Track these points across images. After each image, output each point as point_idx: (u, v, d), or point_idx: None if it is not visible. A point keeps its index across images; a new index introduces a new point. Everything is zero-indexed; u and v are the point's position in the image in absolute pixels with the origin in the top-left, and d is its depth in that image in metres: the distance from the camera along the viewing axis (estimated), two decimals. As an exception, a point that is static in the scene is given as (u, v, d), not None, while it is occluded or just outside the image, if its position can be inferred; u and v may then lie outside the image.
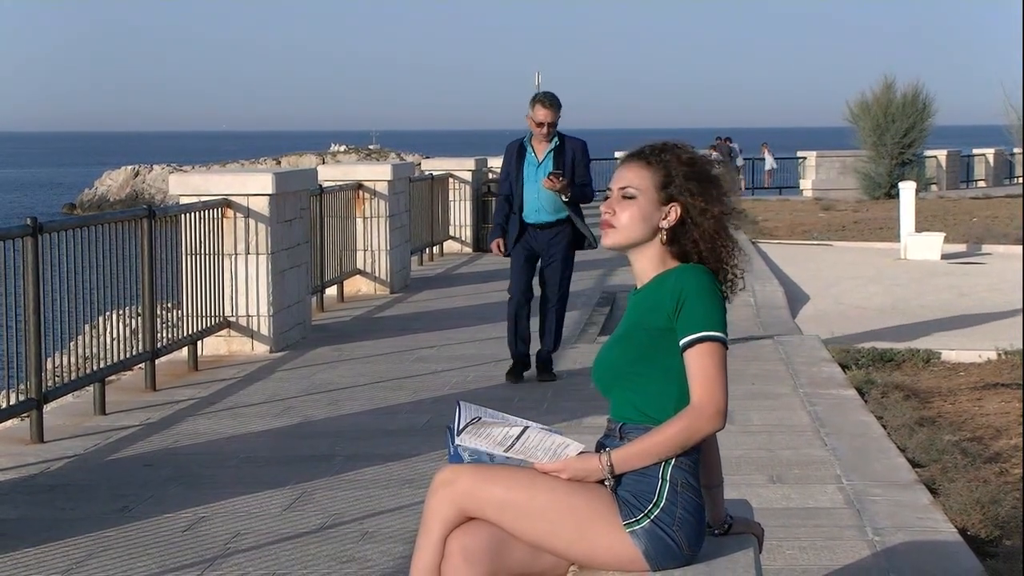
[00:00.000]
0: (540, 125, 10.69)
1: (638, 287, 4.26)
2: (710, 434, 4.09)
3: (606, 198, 4.28)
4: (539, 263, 10.95)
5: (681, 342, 4.08)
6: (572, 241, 10.84)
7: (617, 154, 36.38)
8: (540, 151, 10.80)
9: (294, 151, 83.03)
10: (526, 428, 4.17)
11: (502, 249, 10.89)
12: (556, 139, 10.77)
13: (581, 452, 4.12)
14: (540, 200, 10.71)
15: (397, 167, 18.27)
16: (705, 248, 4.20)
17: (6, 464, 8.35)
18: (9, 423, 9.30)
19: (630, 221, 4.20)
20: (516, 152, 10.89)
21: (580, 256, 11.27)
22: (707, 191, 4.20)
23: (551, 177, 10.47)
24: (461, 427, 4.14)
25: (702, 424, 4.04)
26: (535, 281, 10.98)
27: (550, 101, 10.67)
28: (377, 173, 17.75)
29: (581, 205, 10.87)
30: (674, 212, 4.19)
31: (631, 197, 4.21)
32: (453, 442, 4.12)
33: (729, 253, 4.24)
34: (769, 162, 49.68)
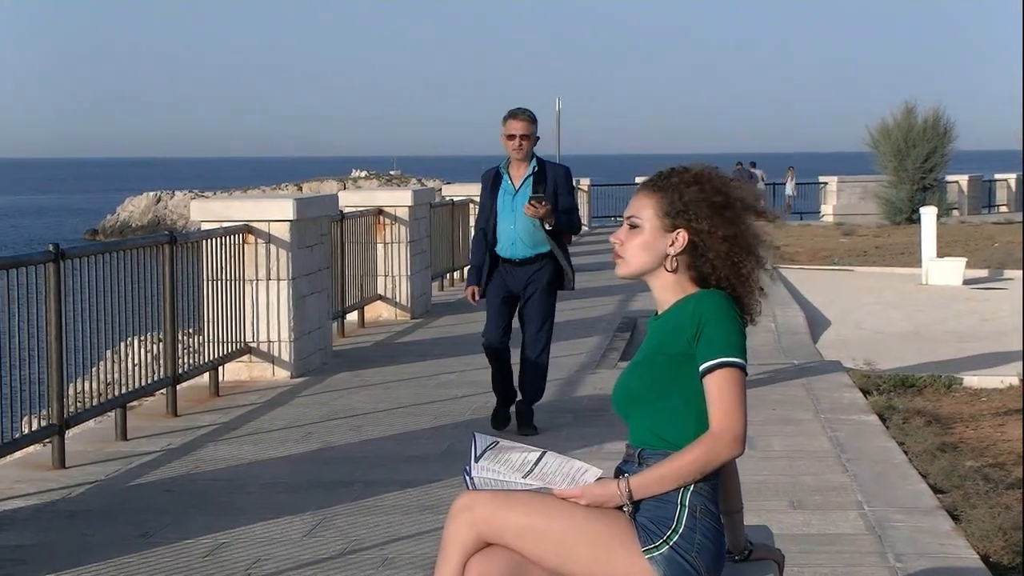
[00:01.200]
0: (512, 138, 9.59)
1: (658, 313, 4.26)
2: (729, 460, 4.09)
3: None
4: (518, 304, 9.88)
5: (700, 368, 4.07)
6: (554, 278, 9.77)
7: (638, 179, 36.37)
8: (517, 178, 9.70)
9: (315, 177, 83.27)
10: (544, 453, 4.18)
11: (475, 297, 9.82)
12: (535, 163, 9.72)
13: (599, 478, 4.12)
14: (516, 232, 9.65)
15: (418, 193, 18.31)
16: (723, 271, 4.17)
17: (28, 490, 8.37)
18: (31, 449, 9.32)
19: (635, 250, 4.20)
20: (491, 180, 9.79)
21: (601, 282, 11.18)
22: (717, 213, 4.16)
23: (532, 202, 9.45)
24: (479, 455, 4.14)
25: (721, 450, 4.04)
26: (514, 324, 10.01)
27: (523, 112, 9.67)
28: (398, 199, 17.79)
29: (568, 237, 9.99)
30: (681, 238, 4.17)
31: (636, 226, 4.21)
32: (470, 473, 4.11)
33: (749, 276, 4.19)
34: (789, 188, 49.53)
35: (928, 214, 23.90)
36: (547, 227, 9.59)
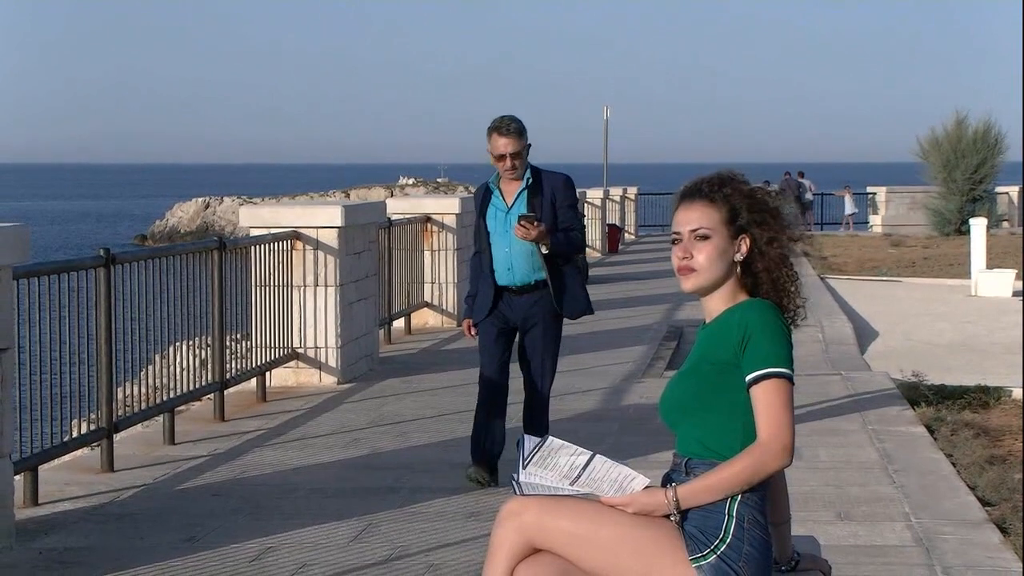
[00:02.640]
0: (501, 159, 8.38)
1: (707, 321, 4.26)
2: (777, 471, 4.08)
3: (673, 242, 4.27)
4: (515, 337, 8.73)
5: (747, 378, 4.07)
6: (556, 307, 8.55)
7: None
8: (509, 194, 8.48)
9: (363, 184, 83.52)
10: (592, 457, 4.17)
11: (472, 331, 8.75)
12: (529, 176, 8.46)
13: (647, 487, 4.11)
14: (512, 256, 8.42)
15: (465, 200, 18.32)
16: (771, 277, 4.21)
17: (77, 492, 8.42)
18: (80, 452, 9.38)
19: (709, 261, 4.20)
20: (481, 199, 8.60)
21: (647, 291, 11.04)
22: (771, 220, 4.23)
23: (523, 223, 8.18)
24: (527, 459, 4.14)
25: (769, 461, 4.03)
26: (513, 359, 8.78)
27: (508, 127, 8.36)
28: (445, 206, 17.82)
29: (571, 257, 8.60)
30: (744, 244, 4.21)
31: (706, 237, 4.20)
32: (518, 480, 4.11)
33: (792, 282, 4.25)
34: (849, 206, 49.09)
35: (978, 225, 23.76)
36: (543, 250, 8.30)
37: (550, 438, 4.21)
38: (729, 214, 4.20)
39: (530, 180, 8.44)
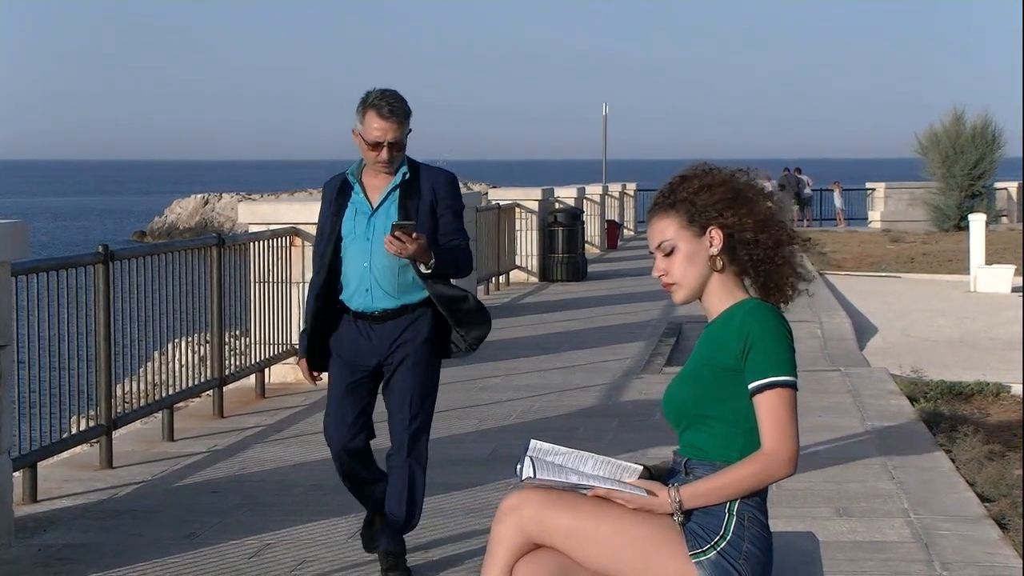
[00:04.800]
0: (376, 148, 6.27)
1: (709, 320, 4.24)
2: (780, 479, 4.08)
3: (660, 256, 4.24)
4: (380, 382, 6.53)
5: (750, 386, 4.05)
6: (434, 337, 6.43)
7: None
8: (374, 190, 6.40)
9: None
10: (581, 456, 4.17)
11: (310, 374, 6.59)
12: (405, 170, 6.41)
13: (640, 476, 4.11)
14: (372, 273, 6.35)
15: (464, 197, 18.31)
16: (764, 252, 4.14)
17: (76, 489, 8.43)
18: (79, 449, 9.39)
19: (682, 271, 4.17)
20: (336, 193, 6.49)
21: (646, 287, 10.97)
22: (734, 204, 4.13)
23: (397, 233, 6.11)
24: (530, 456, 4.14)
25: (774, 471, 4.04)
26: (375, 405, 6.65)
27: (391, 106, 6.27)
28: (444, 203, 17.78)
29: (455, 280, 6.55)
30: (716, 235, 4.14)
31: (671, 249, 4.17)
32: (525, 458, 4.09)
33: (790, 255, 4.17)
34: (838, 201, 49.18)
35: (976, 221, 23.74)
36: (422, 269, 6.29)
37: (533, 442, 4.18)
38: (687, 215, 4.15)
39: (406, 175, 6.39)
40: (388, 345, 6.37)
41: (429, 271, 6.27)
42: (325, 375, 6.58)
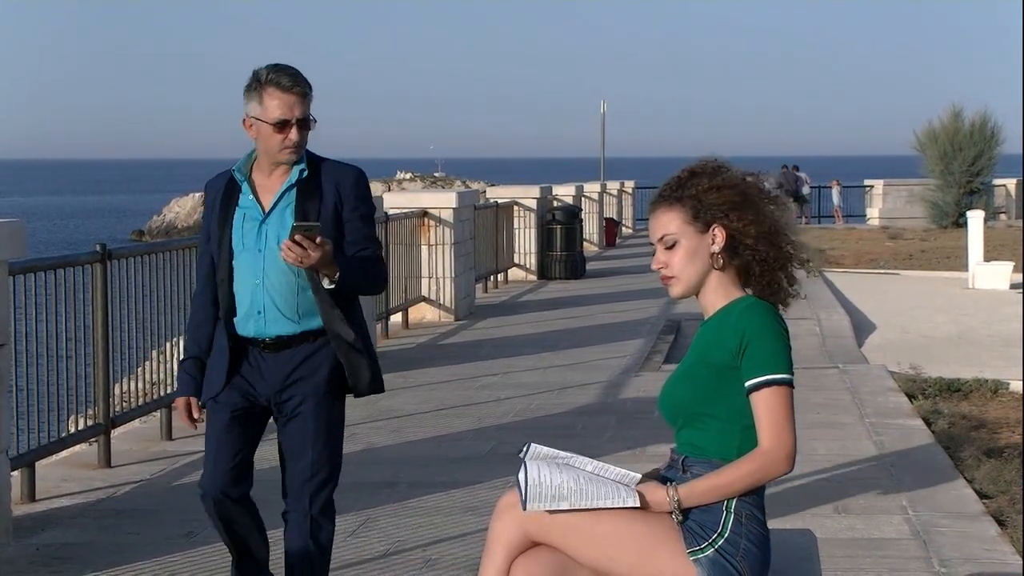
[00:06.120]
0: (283, 129, 5.17)
1: (704, 318, 4.24)
2: (779, 477, 4.08)
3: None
4: (266, 423, 5.52)
5: (746, 384, 4.04)
6: (338, 374, 5.33)
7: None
8: (267, 191, 5.29)
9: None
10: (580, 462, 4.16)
11: (191, 414, 5.40)
12: (303, 166, 5.27)
13: (641, 480, 4.11)
14: (266, 290, 5.25)
15: (462, 195, 18.33)
16: (764, 254, 4.14)
17: (74, 488, 8.43)
18: (77, 448, 9.39)
19: (682, 266, 4.16)
20: (221, 196, 5.35)
21: (644, 284, 10.92)
22: (741, 206, 4.13)
23: (297, 237, 5.00)
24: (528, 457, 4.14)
25: (772, 469, 4.03)
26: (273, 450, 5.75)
27: (292, 78, 5.20)
28: (442, 201, 17.82)
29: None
30: (719, 233, 4.13)
31: (674, 243, 4.17)
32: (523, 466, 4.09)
33: (790, 254, 4.17)
34: (836, 199, 49.20)
35: (975, 218, 23.76)
36: (325, 283, 5.17)
37: (532, 445, 4.17)
38: (692, 211, 4.14)
39: (304, 172, 5.27)
40: (283, 378, 5.28)
41: (333, 285, 5.15)
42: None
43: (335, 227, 5.23)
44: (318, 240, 5.01)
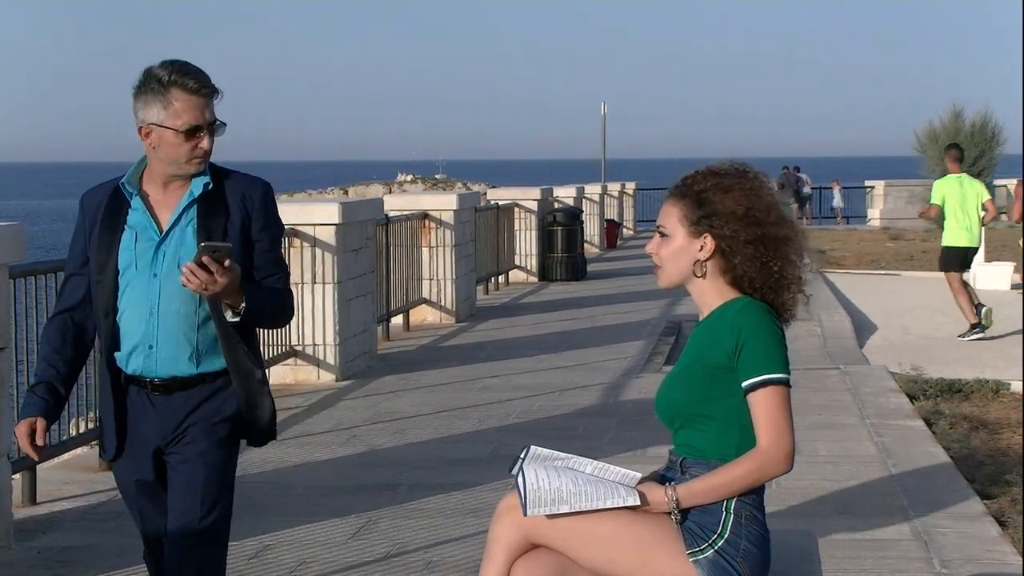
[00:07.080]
0: (192, 136, 4.49)
1: (701, 318, 4.24)
2: (777, 477, 4.07)
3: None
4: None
5: (743, 385, 4.04)
6: (235, 418, 4.65)
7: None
8: (164, 207, 4.59)
9: (361, 181, 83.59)
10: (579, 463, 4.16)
11: (33, 439, 4.58)
12: (207, 179, 4.58)
13: (641, 481, 4.11)
14: (160, 321, 4.53)
15: (463, 197, 18.34)
16: (752, 273, 4.12)
17: (75, 491, 8.43)
18: (78, 451, 9.38)
19: (668, 259, 4.17)
20: (103, 212, 4.63)
21: (644, 286, 10.90)
22: (739, 219, 4.09)
23: (203, 259, 4.32)
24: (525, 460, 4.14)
25: (771, 468, 4.02)
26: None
27: (198, 80, 4.50)
28: (443, 203, 17.83)
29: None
30: (708, 243, 4.12)
31: (665, 235, 4.18)
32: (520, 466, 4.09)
33: (780, 275, 4.11)
34: (837, 200, 49.25)
35: (975, 218, 23.71)
36: (228, 315, 4.50)
37: (532, 448, 4.18)
38: (690, 210, 4.13)
39: (209, 185, 4.59)
40: (175, 425, 4.56)
41: (238, 318, 4.48)
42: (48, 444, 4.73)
43: (243, 249, 4.54)
44: (227, 264, 4.34)
